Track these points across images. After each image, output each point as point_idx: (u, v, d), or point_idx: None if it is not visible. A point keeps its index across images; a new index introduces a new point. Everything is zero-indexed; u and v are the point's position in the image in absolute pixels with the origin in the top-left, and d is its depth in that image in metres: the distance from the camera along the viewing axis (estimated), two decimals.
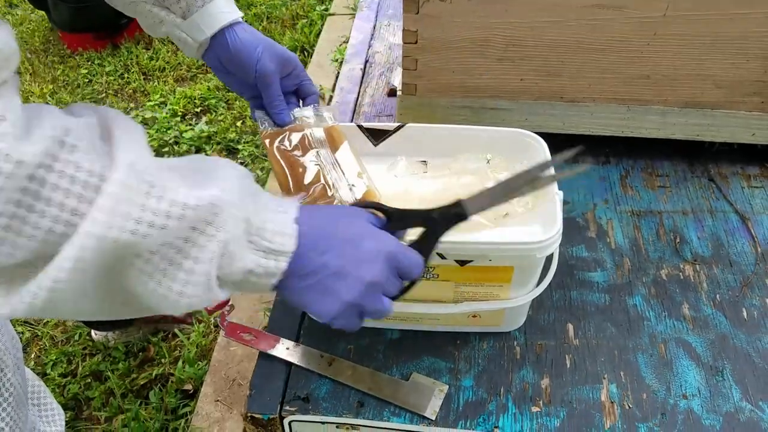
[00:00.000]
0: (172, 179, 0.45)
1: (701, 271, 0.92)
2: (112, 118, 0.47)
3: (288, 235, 0.51)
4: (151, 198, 0.44)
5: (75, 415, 1.34)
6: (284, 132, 0.83)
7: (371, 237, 0.57)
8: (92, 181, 0.42)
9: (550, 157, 0.83)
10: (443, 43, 0.97)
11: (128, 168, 0.43)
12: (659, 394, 0.78)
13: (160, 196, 0.44)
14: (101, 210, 0.42)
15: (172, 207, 0.44)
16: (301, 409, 0.77)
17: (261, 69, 0.80)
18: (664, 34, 0.94)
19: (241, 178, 0.51)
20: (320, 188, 0.78)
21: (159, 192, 0.44)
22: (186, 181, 0.46)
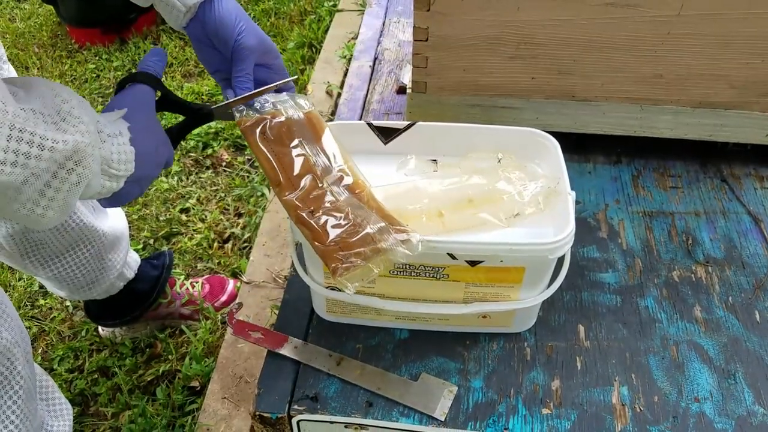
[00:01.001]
0: (38, 124, 0.52)
1: (713, 272, 0.91)
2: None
3: (129, 161, 0.62)
4: (23, 143, 0.51)
5: (82, 410, 1.34)
6: (263, 120, 0.79)
7: (165, 152, 0.69)
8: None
9: (562, 158, 0.82)
10: (454, 40, 0.97)
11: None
12: (671, 397, 0.77)
13: (31, 141, 0.51)
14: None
15: (42, 150, 0.52)
16: (310, 409, 0.77)
17: (240, 42, 0.79)
18: (677, 33, 0.93)
19: (93, 117, 0.58)
20: (310, 180, 0.76)
21: (29, 137, 0.51)
22: (49, 125, 0.54)
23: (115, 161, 0.60)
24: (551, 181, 0.82)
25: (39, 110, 0.54)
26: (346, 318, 0.85)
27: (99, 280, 1.26)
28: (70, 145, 0.54)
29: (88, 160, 0.56)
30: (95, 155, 0.57)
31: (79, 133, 0.55)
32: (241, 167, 1.93)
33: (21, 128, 0.51)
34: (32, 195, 0.54)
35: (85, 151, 0.55)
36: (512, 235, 0.77)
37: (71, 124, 0.55)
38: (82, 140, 0.55)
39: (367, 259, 0.68)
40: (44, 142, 0.52)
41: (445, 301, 0.79)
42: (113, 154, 0.60)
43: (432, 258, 0.72)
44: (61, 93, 0.57)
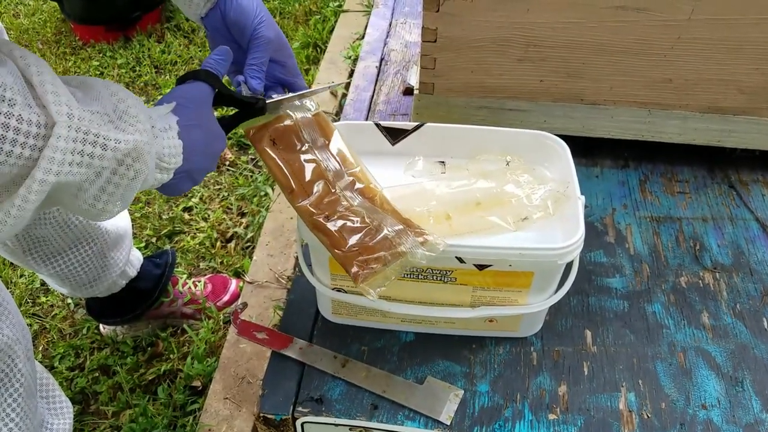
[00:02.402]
0: (101, 125, 0.55)
1: (721, 279, 0.91)
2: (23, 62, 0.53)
3: (178, 155, 0.63)
4: (87, 145, 0.53)
5: (82, 409, 1.34)
6: (270, 126, 0.78)
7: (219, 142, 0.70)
8: (35, 132, 0.51)
9: (572, 162, 0.82)
10: (463, 42, 0.96)
11: (66, 121, 0.52)
12: (678, 403, 0.76)
13: (95, 142, 0.54)
14: (47, 159, 0.51)
15: (105, 151, 0.54)
16: (314, 411, 0.76)
17: (259, 32, 0.79)
18: (688, 38, 0.93)
19: (147, 114, 0.60)
20: (323, 186, 0.76)
21: (93, 139, 0.54)
22: (109, 125, 0.56)
23: (166, 155, 0.62)
24: (560, 185, 0.81)
25: (100, 111, 0.56)
26: (351, 320, 0.85)
27: (101, 278, 1.26)
28: (131, 144, 0.56)
29: (145, 157, 0.58)
30: (151, 151, 0.59)
31: (138, 132, 0.57)
32: (244, 167, 1.93)
33: (86, 130, 0.53)
34: (94, 192, 0.57)
35: (143, 149, 0.57)
36: (520, 239, 0.77)
37: (129, 123, 0.57)
38: (140, 139, 0.57)
39: (387, 263, 0.67)
40: (107, 142, 0.54)
41: (452, 304, 0.78)
42: (164, 148, 0.61)
43: (440, 261, 0.72)
44: (117, 92, 0.59)
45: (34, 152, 0.51)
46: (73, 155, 0.53)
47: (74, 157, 0.53)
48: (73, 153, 0.53)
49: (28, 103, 0.51)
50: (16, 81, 0.51)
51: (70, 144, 0.52)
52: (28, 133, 0.51)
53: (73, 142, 0.52)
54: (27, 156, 0.51)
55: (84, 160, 0.54)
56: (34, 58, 0.54)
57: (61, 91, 0.53)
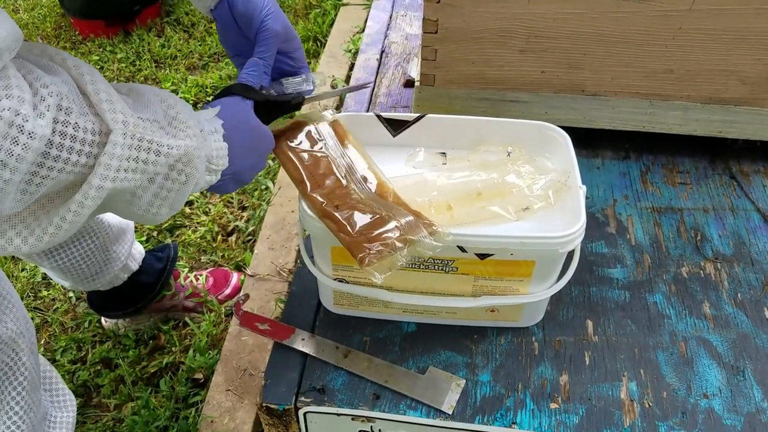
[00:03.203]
0: (154, 131, 0.56)
1: (722, 269, 0.91)
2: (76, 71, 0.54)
3: (223, 156, 0.65)
4: (141, 151, 0.55)
5: (84, 402, 1.34)
6: (287, 129, 0.81)
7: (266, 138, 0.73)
8: (91, 139, 0.52)
9: (573, 152, 0.82)
10: (464, 33, 0.96)
11: (122, 128, 0.53)
12: (680, 393, 0.77)
13: (148, 148, 0.55)
14: (104, 165, 0.52)
15: (158, 156, 0.56)
16: (317, 401, 0.77)
17: (266, 24, 0.79)
18: (689, 28, 0.93)
19: (196, 119, 0.61)
20: (335, 180, 0.77)
21: (147, 145, 0.55)
22: (161, 131, 0.57)
23: (215, 157, 0.63)
24: (561, 175, 0.81)
25: (151, 118, 0.57)
26: (353, 311, 0.85)
27: (103, 272, 1.26)
28: (182, 150, 0.58)
29: (195, 161, 0.59)
30: (201, 155, 0.60)
31: (188, 137, 0.59)
32: None
33: (140, 137, 0.55)
34: (149, 197, 0.59)
35: (193, 153, 0.59)
36: (521, 229, 0.77)
37: (179, 129, 0.59)
38: (191, 144, 0.58)
39: (395, 249, 0.67)
40: (160, 148, 0.56)
41: (453, 294, 0.78)
42: (213, 150, 0.63)
43: (441, 251, 0.72)
44: (167, 99, 0.60)
45: (89, 159, 0.53)
46: (129, 161, 0.54)
47: (129, 163, 0.54)
48: (129, 159, 0.54)
49: (83, 112, 0.52)
50: (71, 90, 0.52)
51: (126, 151, 0.53)
52: (84, 141, 0.52)
53: (128, 149, 0.54)
54: (83, 163, 0.52)
55: (139, 166, 0.55)
56: (87, 67, 0.56)
57: (115, 98, 0.54)
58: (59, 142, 0.50)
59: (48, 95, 0.50)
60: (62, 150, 0.51)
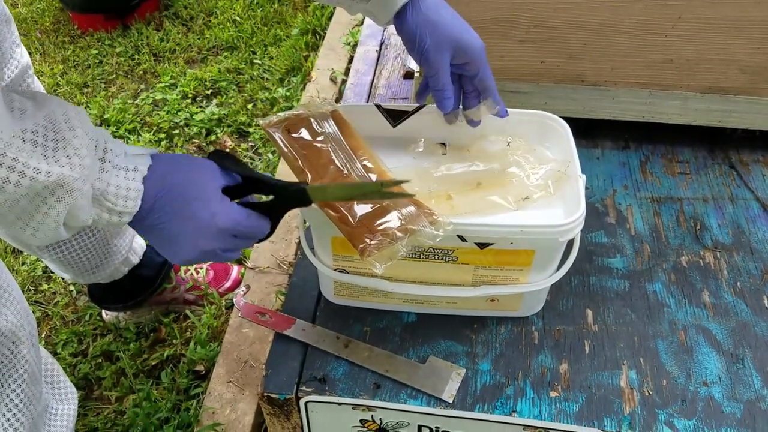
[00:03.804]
0: (23, 152, 0.51)
1: (722, 258, 0.91)
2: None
3: (132, 198, 0.58)
4: (2, 168, 0.50)
5: (86, 394, 1.34)
6: (286, 120, 0.80)
7: (207, 209, 0.61)
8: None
9: (572, 142, 0.82)
10: None
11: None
12: (679, 381, 0.77)
13: (11, 167, 0.50)
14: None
15: (21, 178, 0.51)
16: (318, 390, 0.77)
17: (425, 58, 0.78)
18: (689, 18, 0.93)
19: (91, 145, 0.56)
20: (335, 170, 0.77)
21: (10, 163, 0.50)
22: (37, 153, 0.52)
23: (111, 194, 0.57)
24: (561, 164, 0.81)
25: (34, 134, 0.52)
26: (353, 301, 0.85)
27: (103, 265, 1.26)
28: (55, 177, 0.52)
29: (75, 193, 0.54)
30: (83, 190, 0.55)
31: (69, 165, 0.53)
32: (244, 154, 1.93)
33: (2, 153, 0.50)
34: (15, 218, 0.54)
35: (72, 185, 0.54)
36: (521, 219, 0.77)
37: (65, 154, 0.54)
38: (69, 174, 0.53)
39: (395, 239, 0.67)
40: (25, 169, 0.51)
41: (453, 284, 0.79)
42: (110, 185, 0.57)
43: (441, 240, 0.72)
44: (70, 119, 0.55)
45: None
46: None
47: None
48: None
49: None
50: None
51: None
52: None
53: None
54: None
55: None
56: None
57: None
58: None
59: None
60: None
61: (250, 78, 2.23)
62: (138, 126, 2.06)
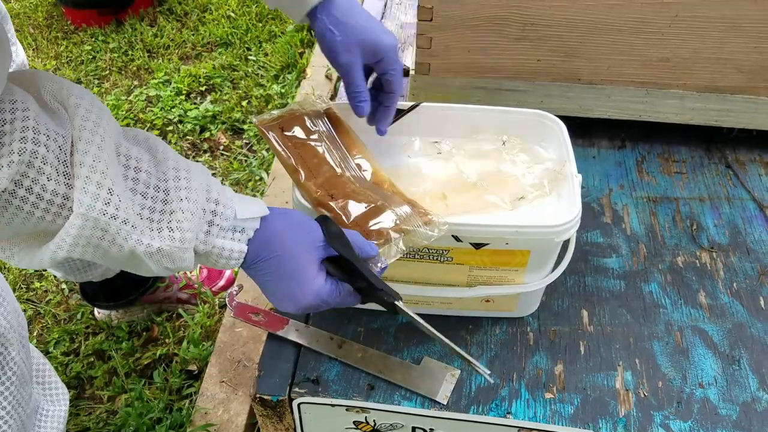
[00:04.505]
0: (126, 223, 0.53)
1: (718, 258, 0.90)
2: (78, 131, 0.52)
3: (234, 258, 0.61)
4: (104, 239, 0.53)
5: (77, 394, 1.33)
6: (280, 118, 0.79)
7: (299, 285, 0.62)
8: (60, 203, 0.51)
9: (569, 141, 0.81)
10: (460, 20, 0.95)
11: (84, 212, 0.51)
12: (675, 382, 0.76)
13: (112, 240, 0.53)
14: (60, 237, 0.52)
15: (122, 249, 0.54)
16: (311, 391, 0.76)
17: (335, 59, 0.77)
18: (685, 16, 0.92)
19: (198, 213, 0.57)
20: (329, 168, 0.76)
21: (112, 236, 0.53)
22: (142, 224, 0.54)
23: (215, 255, 0.60)
24: (557, 164, 0.81)
25: (140, 201, 0.55)
26: None
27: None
28: (154, 249, 0.55)
29: (173, 257, 0.57)
30: (183, 257, 0.57)
31: (170, 239, 0.55)
32: (239, 151, 1.92)
33: (105, 228, 0.52)
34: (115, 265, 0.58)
35: (172, 254, 0.56)
36: (517, 219, 0.76)
37: (168, 226, 0.56)
38: (168, 246, 0.55)
39: (389, 240, 0.66)
40: (127, 241, 0.54)
41: (448, 284, 0.78)
42: (214, 248, 0.59)
43: (436, 240, 0.71)
44: (181, 185, 0.57)
45: (58, 219, 0.52)
46: (89, 240, 0.53)
47: (90, 241, 0.53)
48: (89, 239, 0.52)
49: (63, 173, 0.51)
50: (60, 149, 0.51)
51: (85, 231, 0.52)
52: (51, 202, 0.51)
53: (90, 230, 0.52)
54: (49, 220, 0.52)
55: (100, 246, 0.53)
56: (95, 117, 0.53)
57: (99, 174, 0.51)
58: (23, 196, 0.50)
59: (18, 151, 0.48)
60: (26, 203, 0.50)
61: (245, 74, 2.22)
62: (131, 122, 2.05)
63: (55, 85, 0.54)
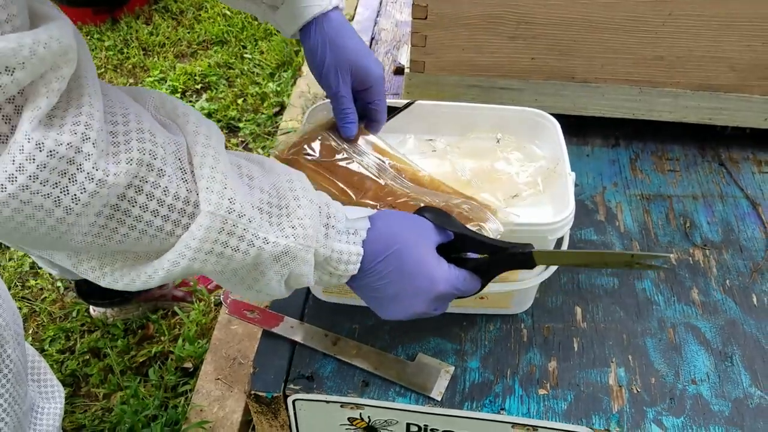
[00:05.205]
0: (252, 222, 0.52)
1: (711, 256, 0.91)
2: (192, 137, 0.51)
3: (353, 262, 0.59)
4: (233, 238, 0.51)
5: (73, 391, 1.33)
6: (300, 144, 0.78)
7: (425, 275, 0.61)
8: (181, 207, 0.49)
9: (562, 139, 0.81)
10: (454, 19, 0.95)
11: (213, 210, 0.49)
12: (668, 378, 0.77)
13: (241, 237, 0.51)
14: (184, 243, 0.49)
15: (250, 247, 0.52)
16: (306, 388, 0.76)
17: (325, 78, 0.78)
18: (679, 14, 0.92)
19: (315, 213, 0.56)
20: (372, 182, 0.75)
21: (241, 233, 0.51)
22: (264, 223, 0.53)
23: (335, 259, 0.58)
24: (551, 162, 0.81)
25: (260, 203, 0.53)
26: (342, 298, 0.84)
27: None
28: (280, 248, 0.53)
29: (297, 261, 0.55)
30: (306, 258, 0.56)
31: (294, 236, 0.54)
32: (234, 149, 1.92)
33: (233, 224, 0.51)
34: (237, 281, 0.56)
35: (296, 254, 0.55)
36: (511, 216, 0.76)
37: (290, 224, 0.54)
38: (293, 245, 0.54)
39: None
40: (254, 240, 0.52)
41: None
42: (333, 252, 0.57)
43: None
44: (295, 187, 0.56)
45: (176, 228, 0.49)
46: (214, 245, 0.50)
47: (215, 246, 0.50)
48: (215, 243, 0.50)
49: (182, 179, 0.49)
50: (177, 153, 0.49)
51: (212, 234, 0.50)
52: (172, 208, 0.48)
53: (216, 232, 0.50)
54: (168, 230, 0.49)
55: (225, 252, 0.51)
56: (206, 132, 0.52)
57: (220, 176, 0.50)
58: (143, 203, 0.47)
59: (138, 150, 0.46)
60: (145, 211, 0.47)
61: (241, 72, 2.22)
62: None
63: (159, 99, 0.53)
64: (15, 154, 0.40)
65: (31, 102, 0.41)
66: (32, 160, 0.41)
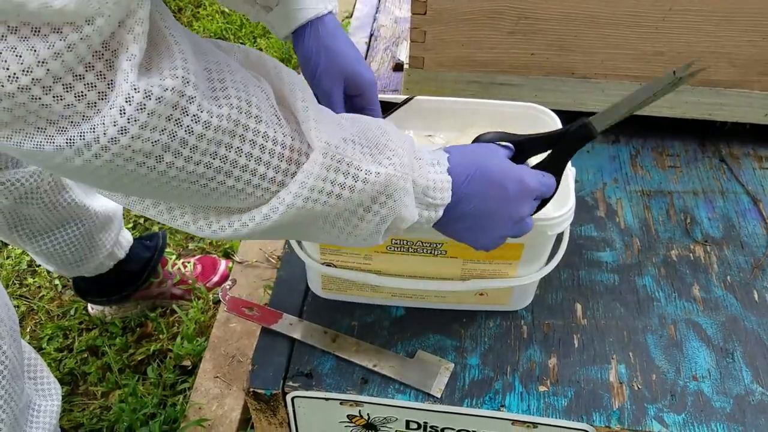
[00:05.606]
0: (355, 155, 0.52)
1: (712, 252, 0.90)
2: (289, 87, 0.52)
3: (446, 189, 0.59)
4: (339, 174, 0.51)
5: (71, 390, 1.33)
6: None
7: (512, 177, 0.62)
8: (280, 152, 0.49)
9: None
10: (453, 14, 0.95)
11: (324, 147, 0.50)
12: (669, 375, 0.76)
13: (347, 171, 0.52)
14: (299, 183, 0.50)
15: (356, 182, 0.52)
16: (305, 385, 0.76)
17: (318, 82, 0.78)
18: (679, 10, 0.92)
19: (406, 145, 0.57)
20: None
21: (346, 168, 0.52)
22: (365, 156, 0.53)
23: (431, 188, 0.58)
24: None
25: (358, 140, 0.54)
26: (341, 295, 0.84)
27: (88, 259, 1.25)
28: (383, 177, 0.53)
29: (399, 192, 0.55)
30: (406, 187, 0.56)
31: (392, 165, 0.54)
32: None
33: (340, 158, 0.51)
34: (341, 224, 0.55)
35: (396, 185, 0.54)
36: None
37: (386, 156, 0.55)
38: (393, 173, 0.54)
39: None
40: (358, 172, 0.52)
41: (442, 277, 0.78)
42: (429, 181, 0.58)
43: (430, 233, 0.71)
44: (381, 125, 0.57)
45: (278, 174, 0.50)
46: (325, 183, 0.51)
47: (326, 185, 0.51)
48: (325, 180, 0.51)
49: (280, 124, 0.50)
50: (269, 100, 0.50)
51: (324, 171, 0.50)
52: (273, 153, 0.49)
53: (327, 169, 0.50)
54: (270, 177, 0.49)
55: (335, 189, 0.51)
56: (303, 85, 0.53)
57: (324, 119, 0.52)
58: (248, 152, 0.47)
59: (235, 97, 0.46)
60: (250, 159, 0.48)
61: None
62: None
63: (244, 53, 0.54)
64: (123, 106, 0.40)
65: (123, 52, 0.40)
66: (142, 109, 0.41)
